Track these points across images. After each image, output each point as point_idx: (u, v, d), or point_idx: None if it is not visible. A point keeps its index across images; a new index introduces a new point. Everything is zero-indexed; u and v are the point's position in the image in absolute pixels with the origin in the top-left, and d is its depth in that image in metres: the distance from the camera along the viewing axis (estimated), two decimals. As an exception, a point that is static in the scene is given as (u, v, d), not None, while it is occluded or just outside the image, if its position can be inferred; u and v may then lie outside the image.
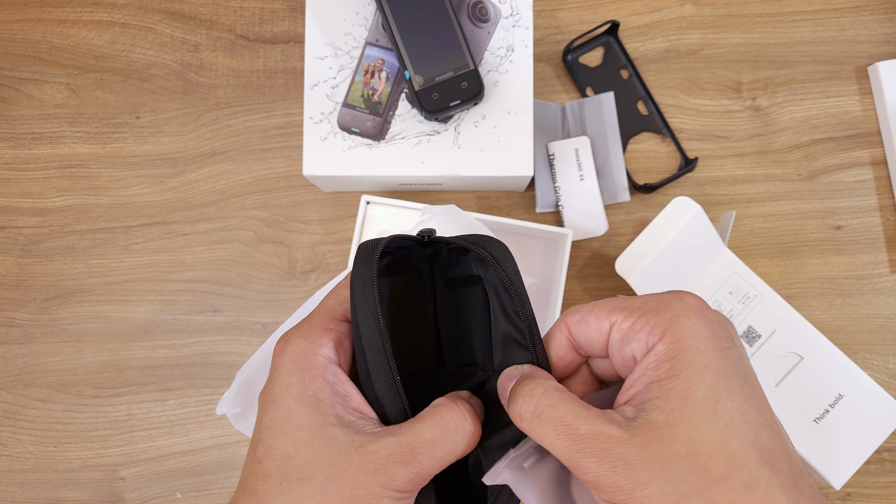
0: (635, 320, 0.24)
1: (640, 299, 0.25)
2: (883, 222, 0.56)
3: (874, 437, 0.47)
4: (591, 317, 0.26)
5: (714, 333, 0.23)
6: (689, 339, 0.23)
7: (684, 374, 0.22)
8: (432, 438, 0.25)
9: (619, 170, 0.56)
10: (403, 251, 0.30)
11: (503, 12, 0.51)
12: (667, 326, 0.23)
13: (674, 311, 0.24)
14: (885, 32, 0.58)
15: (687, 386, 0.22)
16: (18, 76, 0.58)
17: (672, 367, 0.23)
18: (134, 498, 0.55)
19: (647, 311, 0.24)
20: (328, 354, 0.26)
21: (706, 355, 0.23)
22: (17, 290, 0.57)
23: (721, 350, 0.23)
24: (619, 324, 0.25)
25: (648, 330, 0.24)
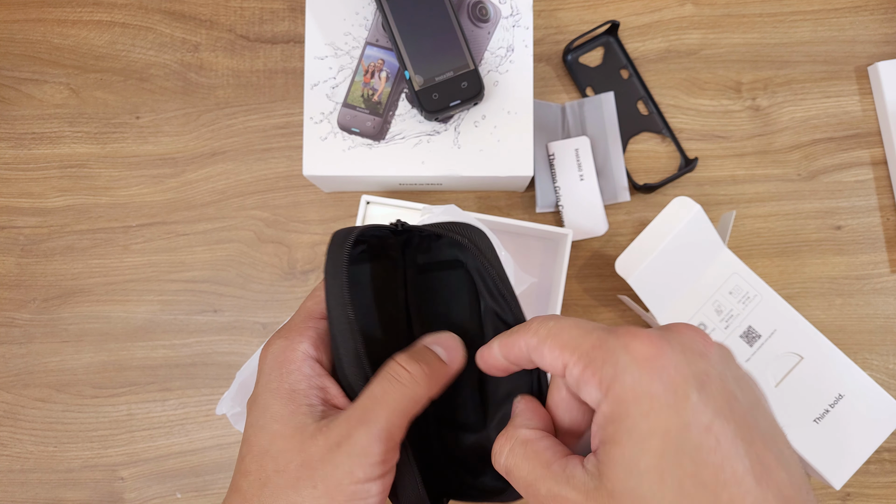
0: (583, 369, 0.22)
1: (590, 339, 0.23)
2: (883, 222, 0.56)
3: (874, 437, 0.47)
4: (544, 350, 0.24)
5: (666, 386, 0.20)
6: (631, 402, 0.21)
7: (625, 443, 0.20)
8: (381, 392, 0.25)
9: (619, 170, 0.56)
10: (378, 240, 0.31)
11: (503, 12, 0.51)
12: (610, 383, 0.21)
13: (616, 366, 0.21)
14: (885, 32, 0.58)
15: (629, 455, 0.20)
16: (18, 76, 0.58)
17: (615, 433, 0.21)
18: (134, 498, 0.55)
19: (593, 360, 0.22)
20: (306, 350, 0.27)
21: (651, 417, 0.20)
22: (17, 290, 0.57)
23: (673, 405, 0.20)
24: (570, 368, 0.23)
25: (595, 383, 0.22)
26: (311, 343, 0.27)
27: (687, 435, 0.20)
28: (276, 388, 0.26)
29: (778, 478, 0.20)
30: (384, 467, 0.25)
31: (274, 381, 0.26)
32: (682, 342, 0.22)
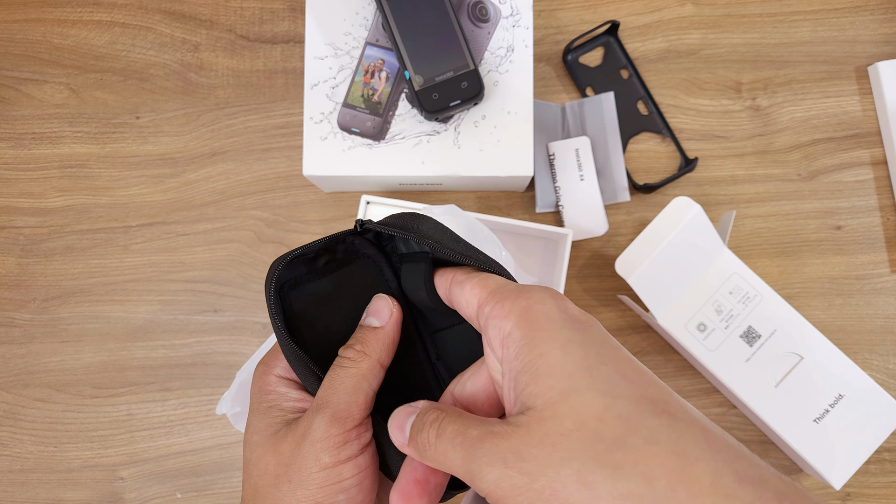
0: (496, 303, 0.23)
1: (507, 286, 0.24)
2: (883, 222, 0.56)
3: (874, 437, 0.47)
4: (467, 285, 0.25)
5: (570, 315, 0.23)
6: (543, 319, 0.22)
7: (548, 351, 0.21)
8: (328, 381, 0.27)
9: (619, 170, 0.56)
10: (345, 245, 0.32)
11: (503, 12, 0.51)
12: (521, 312, 0.22)
13: (530, 299, 0.23)
14: (885, 32, 0.58)
15: (554, 360, 0.21)
16: (18, 76, 0.58)
17: (532, 349, 0.21)
18: (134, 498, 0.55)
19: (505, 296, 0.23)
20: (279, 373, 0.29)
21: (565, 330, 0.22)
22: (17, 290, 0.57)
23: (580, 325, 0.22)
24: (483, 307, 0.24)
25: (503, 315, 0.23)
26: (284, 367, 0.29)
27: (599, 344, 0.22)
28: (256, 408, 0.29)
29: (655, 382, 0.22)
30: (350, 448, 0.26)
31: (255, 403, 0.29)
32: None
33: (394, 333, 0.29)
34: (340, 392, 0.26)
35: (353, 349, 0.28)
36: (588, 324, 0.23)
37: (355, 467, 0.26)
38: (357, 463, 0.26)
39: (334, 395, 0.26)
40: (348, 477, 0.25)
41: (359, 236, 0.32)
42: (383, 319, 0.29)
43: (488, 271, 0.27)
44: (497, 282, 0.25)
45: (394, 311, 0.29)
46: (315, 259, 0.31)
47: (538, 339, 0.22)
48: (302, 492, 0.25)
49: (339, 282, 0.32)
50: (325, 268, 0.32)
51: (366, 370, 0.27)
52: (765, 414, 0.48)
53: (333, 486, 0.25)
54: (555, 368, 0.21)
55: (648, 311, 0.50)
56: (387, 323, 0.29)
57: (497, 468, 0.20)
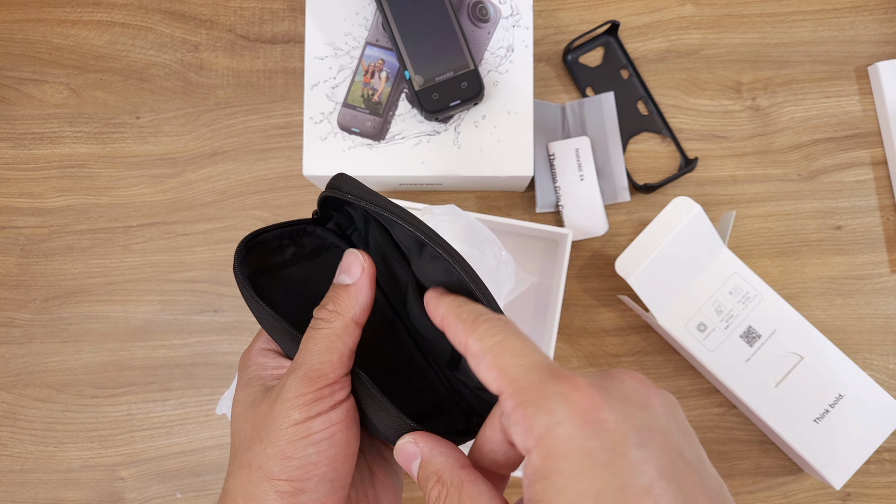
0: (515, 406, 0.21)
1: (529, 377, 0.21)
2: (883, 222, 0.56)
3: (874, 437, 0.47)
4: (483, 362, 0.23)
5: (603, 443, 0.19)
6: (563, 458, 0.19)
7: (561, 496, 0.19)
8: (302, 343, 0.27)
9: (619, 170, 0.56)
10: (310, 237, 0.33)
11: (503, 12, 0.51)
12: (542, 434, 0.19)
13: (551, 416, 0.20)
14: (885, 32, 0.58)
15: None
16: (18, 76, 0.58)
17: (545, 490, 0.19)
18: (134, 498, 0.55)
19: (528, 401, 0.20)
20: (260, 345, 0.30)
21: (585, 478, 0.18)
22: (17, 290, 0.57)
23: (609, 464, 0.19)
24: (504, 399, 0.21)
25: (526, 429, 0.20)
26: (264, 338, 0.30)
27: (623, 498, 0.18)
28: (239, 383, 0.29)
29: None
30: (322, 404, 0.25)
31: (239, 379, 0.29)
32: (624, 393, 0.21)
33: (366, 288, 0.28)
34: (314, 352, 0.26)
35: (325, 309, 0.27)
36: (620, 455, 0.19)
37: (325, 421, 0.25)
38: (328, 417, 0.25)
39: (307, 355, 0.26)
40: (317, 430, 0.25)
41: (321, 227, 0.33)
42: (354, 275, 0.28)
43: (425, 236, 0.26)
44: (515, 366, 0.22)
45: (365, 265, 0.28)
46: (282, 249, 0.32)
47: (550, 482, 0.19)
48: (272, 448, 0.25)
49: (309, 271, 0.32)
50: (293, 258, 0.32)
51: (339, 329, 0.27)
52: (765, 414, 0.48)
53: (302, 440, 0.25)
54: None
55: (648, 311, 0.50)
56: (358, 278, 0.28)
57: None
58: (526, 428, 0.20)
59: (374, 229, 0.31)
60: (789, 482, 0.54)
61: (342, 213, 0.33)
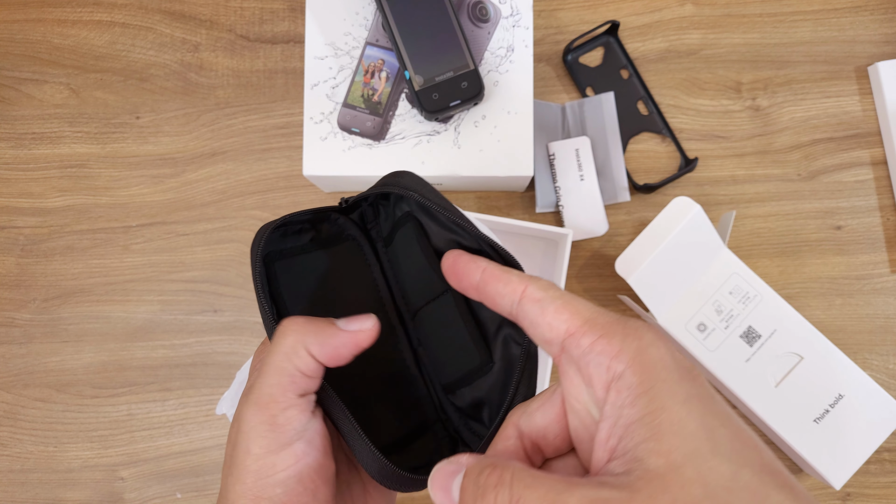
0: (596, 339, 0.21)
1: (603, 316, 0.22)
2: (883, 222, 0.56)
3: (874, 437, 0.47)
4: (550, 306, 0.22)
5: (682, 364, 0.21)
6: (662, 368, 0.20)
7: (670, 406, 0.19)
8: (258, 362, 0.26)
9: (619, 170, 0.56)
10: (329, 224, 0.32)
11: (503, 12, 0.51)
12: (635, 354, 0.20)
13: (642, 340, 0.21)
14: (885, 32, 0.58)
15: (678, 418, 0.19)
16: (18, 76, 0.58)
17: (652, 401, 0.19)
18: (134, 498, 0.55)
19: (613, 333, 0.21)
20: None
21: (684, 384, 0.20)
22: (17, 290, 0.57)
23: (692, 377, 0.20)
24: (577, 337, 0.21)
25: (612, 354, 0.20)
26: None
27: (713, 402, 0.20)
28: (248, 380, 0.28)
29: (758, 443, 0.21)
30: (282, 434, 0.24)
31: (249, 376, 0.29)
32: None
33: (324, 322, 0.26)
34: (262, 374, 0.25)
35: (289, 319, 0.26)
36: (697, 375, 0.21)
37: (290, 457, 0.24)
38: (292, 451, 0.24)
39: (258, 377, 0.25)
40: (282, 469, 0.24)
41: (344, 216, 0.32)
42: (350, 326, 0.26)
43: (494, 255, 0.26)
44: (588, 309, 0.22)
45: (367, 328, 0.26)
46: (300, 233, 0.31)
47: (658, 389, 0.20)
48: (240, 486, 0.24)
49: (323, 259, 0.32)
50: (310, 244, 0.31)
51: (288, 348, 0.25)
52: (765, 414, 0.48)
53: (268, 479, 0.24)
54: (678, 427, 0.19)
55: (648, 311, 0.50)
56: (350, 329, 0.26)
57: None
58: (614, 354, 0.20)
59: (410, 231, 0.30)
60: (789, 482, 0.54)
61: (373, 207, 0.32)
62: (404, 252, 0.31)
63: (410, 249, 0.31)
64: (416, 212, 0.30)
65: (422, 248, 0.30)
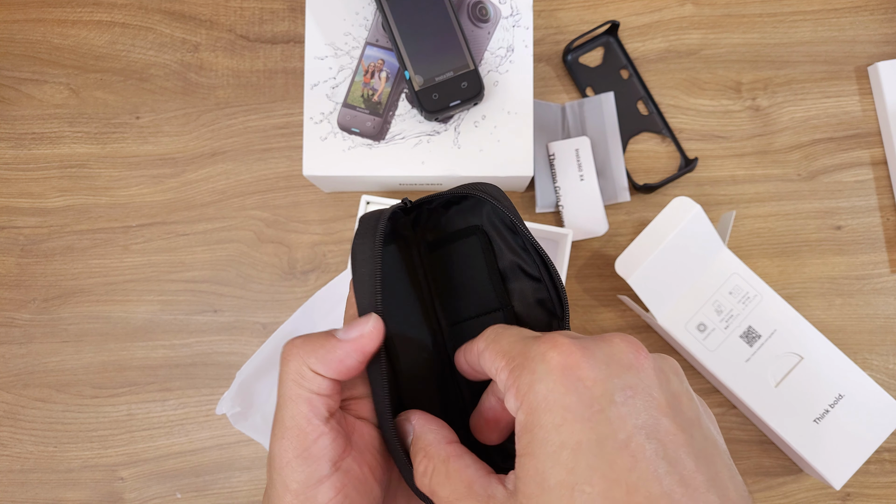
0: (507, 375, 0.22)
1: (518, 346, 0.22)
2: (883, 222, 0.56)
3: (874, 437, 0.47)
4: (486, 353, 0.23)
5: (583, 397, 0.19)
6: (543, 412, 0.20)
7: (538, 455, 0.19)
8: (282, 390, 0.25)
9: (619, 170, 0.56)
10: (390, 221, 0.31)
11: (503, 12, 0.51)
12: (525, 392, 0.20)
13: (533, 374, 0.20)
14: (885, 32, 0.58)
15: (541, 469, 0.19)
16: (18, 76, 0.58)
17: (528, 444, 0.20)
18: (134, 498, 0.55)
19: (516, 367, 0.21)
20: None
21: (564, 430, 0.19)
22: (17, 290, 0.57)
23: (589, 418, 0.19)
24: (499, 373, 0.22)
25: (514, 392, 0.21)
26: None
27: (600, 451, 0.18)
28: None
29: (705, 500, 0.18)
30: (319, 466, 0.23)
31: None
32: (609, 353, 0.21)
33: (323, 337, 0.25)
34: (280, 406, 0.24)
35: (289, 341, 0.25)
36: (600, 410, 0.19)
37: (331, 489, 0.23)
38: (332, 484, 0.23)
39: (279, 409, 0.24)
40: (324, 502, 0.23)
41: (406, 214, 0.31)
42: (348, 334, 0.25)
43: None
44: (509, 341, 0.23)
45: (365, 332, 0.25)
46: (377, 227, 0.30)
47: (535, 434, 0.20)
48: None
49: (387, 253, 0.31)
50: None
51: (293, 373, 0.24)
52: (765, 414, 0.48)
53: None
54: (540, 478, 0.19)
55: (648, 311, 0.50)
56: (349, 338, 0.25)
57: None
58: (514, 390, 0.21)
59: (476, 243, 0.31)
60: (789, 482, 0.54)
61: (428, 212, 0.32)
62: (461, 262, 0.31)
63: (472, 261, 0.31)
64: (487, 226, 0.31)
65: (487, 262, 0.30)
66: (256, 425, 0.50)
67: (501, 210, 0.28)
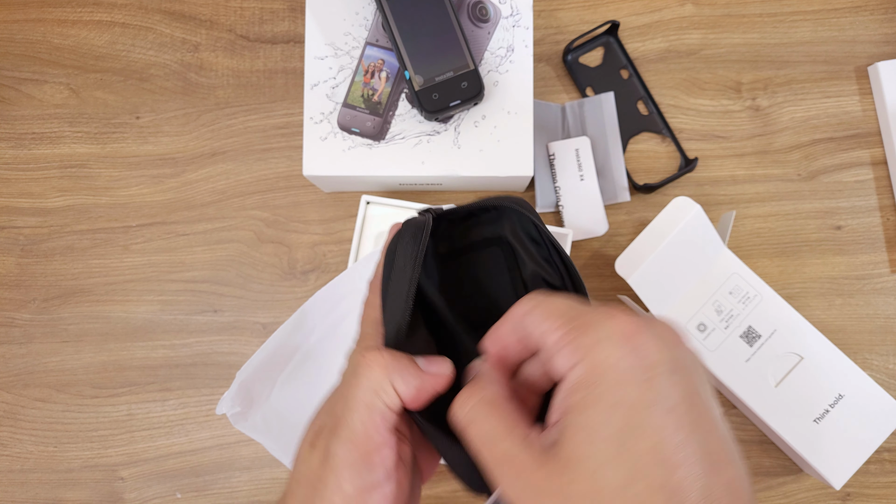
0: (563, 334, 0.23)
1: (574, 310, 0.23)
2: (883, 222, 0.56)
3: (874, 437, 0.47)
4: (536, 312, 0.24)
5: (641, 362, 0.21)
6: (605, 369, 0.21)
7: (593, 409, 0.21)
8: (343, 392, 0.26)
9: (619, 170, 0.56)
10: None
11: (503, 12, 0.51)
12: (587, 351, 0.22)
13: (598, 334, 0.22)
14: (885, 32, 0.58)
15: (595, 422, 0.20)
16: (18, 76, 0.58)
17: (583, 399, 0.21)
18: (134, 498, 0.55)
19: (576, 327, 0.22)
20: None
21: (621, 388, 0.21)
22: (17, 290, 0.57)
23: (645, 381, 0.21)
24: (550, 333, 0.23)
25: (572, 349, 0.22)
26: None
27: (651, 413, 0.20)
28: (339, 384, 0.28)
29: (727, 473, 0.20)
30: (374, 474, 0.24)
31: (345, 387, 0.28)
32: (660, 331, 0.22)
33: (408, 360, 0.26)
34: (350, 409, 0.24)
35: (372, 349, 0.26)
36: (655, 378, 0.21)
37: (381, 498, 0.24)
38: (383, 493, 0.24)
39: (345, 412, 0.24)
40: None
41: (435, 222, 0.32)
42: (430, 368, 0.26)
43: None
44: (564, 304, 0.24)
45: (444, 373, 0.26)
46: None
47: (594, 388, 0.21)
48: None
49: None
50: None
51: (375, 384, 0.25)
52: (765, 414, 0.48)
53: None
54: (595, 428, 0.20)
55: (648, 311, 0.50)
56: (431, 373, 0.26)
57: (515, 490, 0.21)
58: (572, 347, 0.22)
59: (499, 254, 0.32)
60: (789, 482, 0.54)
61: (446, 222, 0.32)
62: (482, 271, 0.32)
63: (494, 271, 0.32)
64: (510, 237, 0.31)
65: (511, 272, 0.31)
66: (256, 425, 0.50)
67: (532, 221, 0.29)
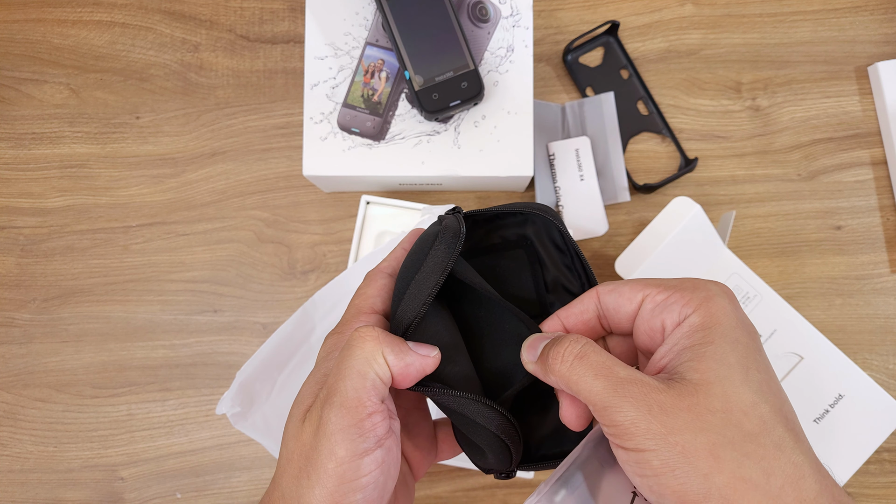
0: (670, 294, 0.26)
1: (674, 279, 0.27)
2: (883, 222, 0.56)
3: (874, 437, 0.47)
4: (624, 287, 0.28)
5: (741, 318, 0.25)
6: (722, 315, 0.25)
7: (718, 341, 0.24)
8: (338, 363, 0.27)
9: (619, 170, 0.56)
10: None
11: (503, 12, 0.51)
12: (701, 302, 0.25)
13: (709, 291, 0.26)
14: (885, 32, 0.58)
15: (721, 351, 0.24)
16: (18, 76, 0.58)
17: (706, 336, 0.24)
18: (134, 498, 0.55)
19: (683, 287, 0.26)
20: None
21: (737, 330, 0.24)
22: (17, 290, 0.57)
23: (748, 331, 0.25)
24: (653, 296, 0.27)
25: (683, 303, 0.25)
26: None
27: (760, 354, 0.25)
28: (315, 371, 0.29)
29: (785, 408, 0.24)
30: (367, 441, 0.24)
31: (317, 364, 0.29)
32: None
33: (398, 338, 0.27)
34: (343, 377, 0.25)
35: (366, 327, 0.26)
36: (752, 330, 0.25)
37: (373, 462, 0.25)
38: (374, 458, 0.25)
39: (338, 380, 0.25)
40: (366, 473, 0.24)
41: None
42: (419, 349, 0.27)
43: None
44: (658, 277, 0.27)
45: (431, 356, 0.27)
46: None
47: (713, 329, 0.24)
48: (319, 490, 0.24)
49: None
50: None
51: (368, 353, 0.26)
52: (765, 414, 0.48)
53: (351, 483, 0.24)
54: (720, 357, 0.23)
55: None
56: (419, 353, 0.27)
57: (640, 411, 0.22)
58: (685, 302, 0.25)
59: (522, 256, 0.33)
60: (789, 482, 0.54)
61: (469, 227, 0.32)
62: (504, 270, 0.33)
63: (518, 270, 0.33)
64: (535, 241, 0.33)
65: (534, 273, 0.32)
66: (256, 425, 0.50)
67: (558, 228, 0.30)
